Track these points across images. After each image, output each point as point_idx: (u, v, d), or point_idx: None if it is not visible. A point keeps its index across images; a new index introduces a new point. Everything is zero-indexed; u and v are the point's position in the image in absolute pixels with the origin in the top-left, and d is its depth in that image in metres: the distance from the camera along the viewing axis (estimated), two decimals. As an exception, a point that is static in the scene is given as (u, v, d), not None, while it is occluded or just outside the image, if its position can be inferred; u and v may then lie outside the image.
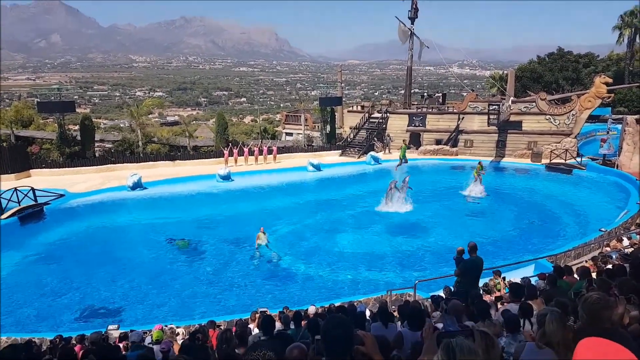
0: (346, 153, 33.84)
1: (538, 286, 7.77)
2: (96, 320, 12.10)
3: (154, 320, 11.03)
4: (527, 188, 25.37)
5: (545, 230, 18.59)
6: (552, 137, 30.12)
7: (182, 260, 16.28)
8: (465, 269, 8.17)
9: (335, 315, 2.60)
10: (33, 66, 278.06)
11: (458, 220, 20.12)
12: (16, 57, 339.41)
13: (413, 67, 38.77)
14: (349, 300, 10.99)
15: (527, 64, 52.76)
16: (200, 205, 22.91)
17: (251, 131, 48.76)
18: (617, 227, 15.92)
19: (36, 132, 33.77)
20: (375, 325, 5.67)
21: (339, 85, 44.60)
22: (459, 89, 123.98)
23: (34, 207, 20.12)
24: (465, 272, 8.19)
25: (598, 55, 53.32)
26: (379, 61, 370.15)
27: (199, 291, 14.04)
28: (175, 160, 29.96)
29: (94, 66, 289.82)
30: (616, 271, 6.44)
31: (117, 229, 19.57)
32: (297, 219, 20.73)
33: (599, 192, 23.41)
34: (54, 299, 13.42)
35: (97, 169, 27.81)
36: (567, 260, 13.43)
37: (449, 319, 4.65)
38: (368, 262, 15.82)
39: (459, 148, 32.81)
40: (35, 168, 26.79)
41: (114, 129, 55.85)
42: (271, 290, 13.99)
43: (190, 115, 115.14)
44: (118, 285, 14.28)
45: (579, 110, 29.23)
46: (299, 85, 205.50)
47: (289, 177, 28.01)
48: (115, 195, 23.57)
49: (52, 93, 30.60)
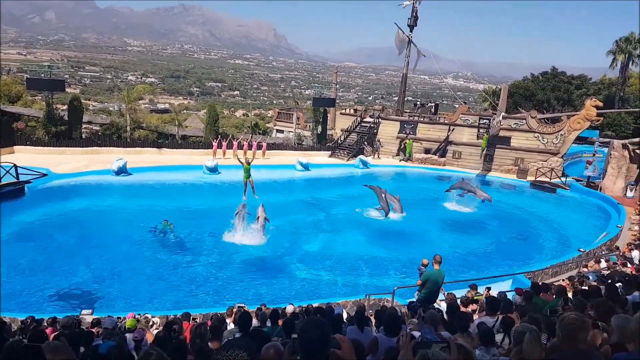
0: (336, 154, 33.91)
1: (514, 301, 7.86)
2: (70, 303, 11.89)
3: (129, 308, 10.88)
4: (511, 203, 25.66)
5: (525, 246, 18.81)
6: (539, 155, 30.57)
7: (161, 249, 16.08)
8: (428, 280, 8.52)
9: (312, 317, 2.59)
10: (25, 41, 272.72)
11: (440, 230, 20.25)
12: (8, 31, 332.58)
13: (408, 75, 39.02)
14: (327, 301, 10.98)
15: (520, 81, 53.51)
16: (185, 195, 22.71)
17: (242, 125, 48.56)
18: (596, 249, 16.20)
19: (23, 109, 33.19)
20: (351, 328, 5.68)
21: (334, 86, 44.68)
22: (452, 100, 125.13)
23: (15, 185, 19.74)
24: (428, 283, 8.54)
25: (590, 78, 54.28)
26: (375, 66, 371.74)
27: (177, 281, 13.87)
28: (161, 148, 29.66)
29: (87, 46, 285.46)
30: (592, 292, 6.55)
31: (98, 213, 19.27)
32: (282, 217, 20.62)
33: (581, 213, 23.83)
34: (28, 278, 13.15)
35: (82, 151, 27.40)
36: (545, 277, 13.63)
37: (427, 327, 4.67)
38: (349, 265, 15.83)
39: (447, 159, 33.12)
40: (19, 145, 26.30)
41: (103, 112, 55.05)
42: (250, 286, 13.89)
43: (181, 104, 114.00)
44: (95, 269, 14.06)
45: (568, 130, 29.71)
46: (293, 83, 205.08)
47: (276, 175, 27.94)
48: (98, 178, 23.27)
49: (43, 70, 30.09)
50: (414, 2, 36.45)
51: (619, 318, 3.50)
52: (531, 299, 7.33)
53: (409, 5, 36.65)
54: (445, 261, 16.26)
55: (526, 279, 12.69)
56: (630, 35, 46.57)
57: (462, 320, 5.34)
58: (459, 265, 15.88)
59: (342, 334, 5.04)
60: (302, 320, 2.68)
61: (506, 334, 5.08)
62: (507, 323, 5.32)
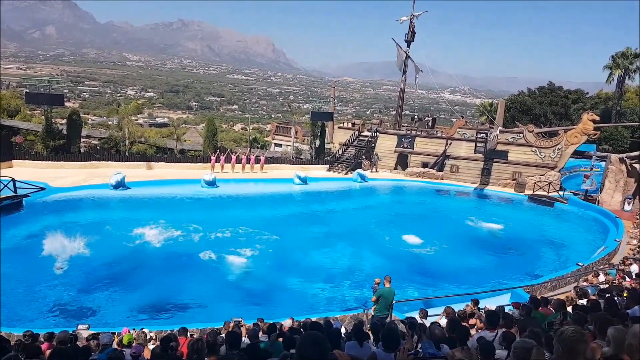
0: (334, 168, 33.98)
1: (512, 315, 7.81)
2: (66, 319, 11.78)
3: (126, 322, 10.78)
4: (509, 217, 25.66)
5: (523, 260, 18.76)
6: (537, 169, 30.68)
7: (159, 264, 16.00)
8: (381, 296, 9.65)
9: (310, 333, 2.58)
10: (25, 56, 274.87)
11: (438, 243, 20.16)
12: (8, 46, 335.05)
13: (406, 89, 39.33)
14: (326, 316, 10.89)
15: (517, 95, 53.90)
16: (183, 210, 22.66)
17: (240, 139, 48.75)
18: (594, 262, 16.17)
19: (21, 123, 33.32)
20: (350, 343, 5.63)
21: (332, 100, 45.00)
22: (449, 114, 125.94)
23: (12, 199, 19.69)
24: (381, 299, 9.67)
25: (587, 93, 54.75)
26: (372, 80, 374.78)
27: (174, 296, 13.77)
28: (159, 162, 29.69)
29: (86, 61, 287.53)
30: (591, 306, 6.53)
31: (95, 227, 19.15)
32: (280, 230, 20.58)
33: (579, 227, 23.83)
34: (24, 293, 13.04)
35: (81, 165, 27.42)
36: (543, 291, 13.58)
37: (427, 342, 4.64)
38: (347, 279, 15.75)
39: (445, 172, 33.20)
40: (18, 159, 26.31)
41: (102, 126, 55.22)
42: (247, 300, 13.79)
43: (180, 118, 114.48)
44: (91, 284, 13.94)
45: (565, 145, 29.87)
46: (292, 97, 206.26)
47: (274, 188, 27.94)
48: (97, 192, 23.23)
49: (42, 84, 30.22)
50: (411, 17, 36.95)
51: (615, 329, 3.49)
52: (530, 313, 7.30)
53: (407, 21, 37.13)
54: (441, 274, 16.32)
55: (525, 293, 12.64)
56: (626, 50, 47.11)
57: (461, 334, 5.31)
58: (456, 279, 15.81)
59: (340, 349, 5.01)
60: (300, 336, 2.67)
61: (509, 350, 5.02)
62: (509, 338, 5.28)
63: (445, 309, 9.08)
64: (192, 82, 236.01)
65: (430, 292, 14.34)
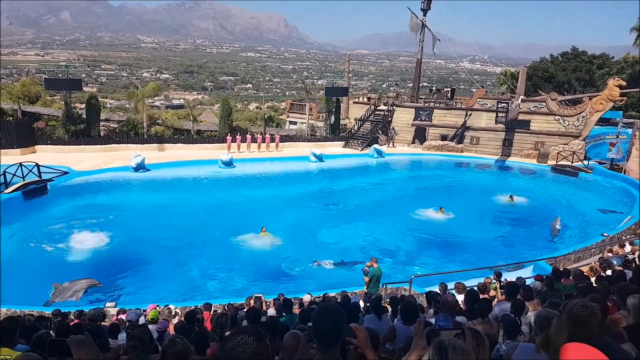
0: (349, 144, 33.72)
1: (535, 287, 7.73)
2: (94, 297, 12.20)
3: (152, 300, 11.09)
4: (532, 189, 25.20)
5: (547, 233, 18.49)
6: (560, 138, 29.88)
7: (182, 243, 16.32)
8: (373, 276, 10.86)
9: (326, 304, 2.56)
10: (42, 42, 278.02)
11: (460, 218, 19.98)
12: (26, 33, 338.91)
13: (423, 60, 38.44)
14: (344, 290, 11.00)
15: (539, 62, 52.14)
16: (202, 190, 22.97)
17: (255, 118, 48.65)
18: (619, 233, 15.83)
19: (42, 109, 33.84)
20: (368, 317, 5.68)
21: (346, 75, 44.37)
22: (469, 84, 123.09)
23: (38, 183, 20.20)
24: (373, 278, 10.87)
25: (613, 57, 52.45)
26: (388, 52, 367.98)
27: (197, 274, 14.11)
28: (176, 143, 29.98)
29: (102, 45, 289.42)
30: (616, 277, 6.40)
31: (118, 209, 19.62)
32: (298, 209, 20.71)
33: (604, 197, 23.26)
34: (54, 273, 13.49)
35: (101, 148, 27.89)
36: (567, 263, 13.39)
37: (442, 314, 4.64)
38: (367, 255, 15.81)
39: (465, 145, 32.63)
40: (40, 144, 26.88)
41: (120, 109, 55.85)
42: (268, 276, 14.03)
43: (195, 99, 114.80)
44: (116, 263, 14.34)
45: (590, 112, 28.93)
46: (305, 73, 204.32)
47: (290, 166, 27.98)
48: (118, 175, 23.66)
49: (60, 70, 30.52)
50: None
51: (635, 298, 3.39)
52: (553, 285, 7.20)
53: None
54: (463, 248, 16.24)
55: (547, 265, 12.49)
56: (655, 11, 44.84)
57: (482, 306, 5.29)
58: (480, 251, 15.71)
59: (359, 324, 5.05)
60: (317, 307, 2.67)
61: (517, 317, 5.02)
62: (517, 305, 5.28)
63: (456, 285, 9.04)
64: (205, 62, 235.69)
65: (451, 266, 14.29)
